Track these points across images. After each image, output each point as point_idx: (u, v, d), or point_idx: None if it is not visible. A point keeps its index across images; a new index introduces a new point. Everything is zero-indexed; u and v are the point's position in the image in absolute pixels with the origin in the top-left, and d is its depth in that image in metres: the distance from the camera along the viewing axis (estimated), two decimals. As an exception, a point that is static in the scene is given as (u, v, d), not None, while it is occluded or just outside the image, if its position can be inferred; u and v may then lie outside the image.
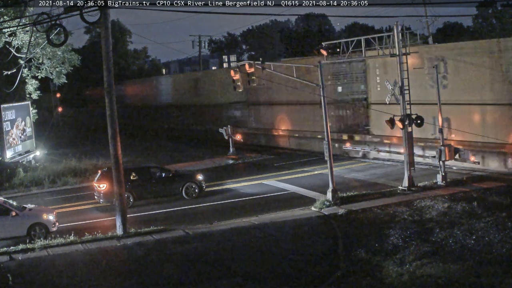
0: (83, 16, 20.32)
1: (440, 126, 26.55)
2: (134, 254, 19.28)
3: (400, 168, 28.60)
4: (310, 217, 22.38)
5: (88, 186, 30.57)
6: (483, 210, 20.97)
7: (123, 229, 21.33)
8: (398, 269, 16.42)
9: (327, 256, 18.17)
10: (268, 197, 26.75)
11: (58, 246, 20.06)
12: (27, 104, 40.37)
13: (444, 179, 25.71)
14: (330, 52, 26.80)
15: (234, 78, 27.26)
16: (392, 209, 22.27)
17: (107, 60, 21.30)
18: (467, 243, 17.96)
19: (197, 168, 35.01)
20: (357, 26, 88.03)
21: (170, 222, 22.97)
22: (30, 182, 33.03)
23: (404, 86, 25.44)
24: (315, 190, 26.75)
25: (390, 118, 25.51)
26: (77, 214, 26.06)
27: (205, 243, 19.77)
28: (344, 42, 27.53)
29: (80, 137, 59.29)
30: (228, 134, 39.10)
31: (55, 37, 27.03)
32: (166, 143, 52.25)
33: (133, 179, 26.81)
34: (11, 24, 32.13)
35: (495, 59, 27.58)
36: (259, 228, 21.12)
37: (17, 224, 21.54)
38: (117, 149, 21.51)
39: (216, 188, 29.54)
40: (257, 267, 17.52)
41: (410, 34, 29.09)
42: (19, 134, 38.39)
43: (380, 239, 18.97)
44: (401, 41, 25.64)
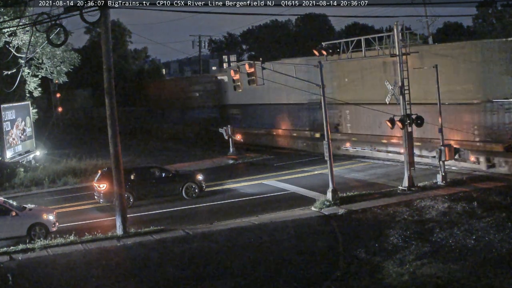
0: (83, 16, 20.31)
1: (440, 125, 26.55)
2: (134, 254, 19.29)
3: (400, 168, 28.60)
4: (310, 217, 22.38)
5: (88, 186, 30.57)
6: (483, 210, 20.97)
7: (123, 229, 21.33)
8: (398, 269, 16.43)
9: (327, 256, 18.17)
10: (268, 197, 26.76)
11: (58, 246, 20.07)
12: (27, 104, 40.35)
13: (444, 179, 25.71)
14: (330, 52, 26.78)
15: (234, 78, 27.26)
16: (392, 209, 22.28)
17: (107, 60, 21.30)
18: (467, 243, 17.97)
19: (197, 168, 35.02)
20: (357, 26, 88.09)
21: (170, 222, 22.97)
22: (30, 182, 33.03)
23: (405, 86, 25.47)
24: (315, 190, 26.75)
25: (390, 118, 25.51)
26: (77, 214, 26.06)
27: (205, 243, 19.77)
28: (344, 42, 27.54)
29: (84, 137, 59.27)
30: (228, 134, 39.10)
31: (55, 37, 27.05)
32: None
33: (133, 179, 26.82)
34: (11, 24, 32.14)
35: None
36: (259, 228, 21.11)
37: (17, 224, 21.54)
38: (117, 149, 21.52)
39: (216, 188, 29.54)
40: (257, 267, 17.52)
41: (410, 34, 29.06)
42: (19, 134, 38.37)
43: (380, 239, 18.98)
44: (401, 41, 25.65)
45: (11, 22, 32.19)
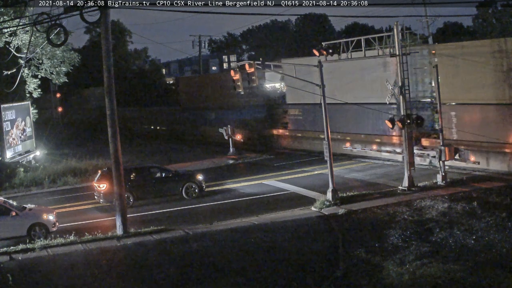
0: (83, 16, 20.32)
1: (440, 125, 26.54)
2: (134, 254, 19.28)
3: (400, 168, 28.60)
4: (310, 217, 22.38)
5: (88, 186, 30.56)
6: (483, 210, 20.97)
7: (123, 229, 21.33)
8: (398, 269, 16.44)
9: (327, 256, 18.18)
10: (268, 197, 26.75)
11: (58, 246, 20.06)
12: (27, 104, 40.33)
13: (444, 179, 25.70)
14: (330, 52, 26.76)
15: (234, 78, 27.24)
16: (392, 209, 22.27)
17: (107, 60, 21.29)
18: (467, 243, 17.98)
19: (197, 168, 35.02)
20: (357, 26, 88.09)
21: (170, 222, 22.97)
22: (30, 182, 33.01)
23: (405, 86, 25.46)
24: (315, 190, 26.75)
25: (390, 118, 25.50)
26: (77, 214, 26.06)
27: (205, 243, 19.76)
28: (344, 42, 27.53)
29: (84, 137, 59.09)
30: (228, 134, 39.08)
31: (55, 37, 27.04)
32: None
33: (133, 179, 26.82)
34: (11, 24, 32.12)
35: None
36: (259, 228, 21.10)
37: (17, 224, 21.53)
38: (117, 149, 21.52)
39: (216, 188, 29.54)
40: (257, 267, 17.52)
41: (410, 34, 29.06)
42: (19, 134, 38.36)
43: (380, 239, 18.98)
44: (401, 41, 25.64)
45: (11, 22, 32.17)
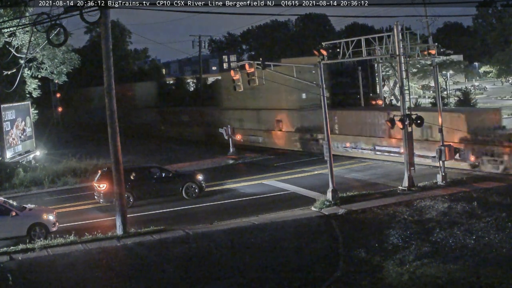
0: (83, 16, 20.33)
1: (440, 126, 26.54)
2: (134, 254, 19.28)
3: (400, 168, 28.58)
4: (310, 217, 22.37)
5: (88, 186, 30.54)
6: (483, 210, 20.96)
7: (123, 229, 21.33)
8: (398, 269, 16.43)
9: (327, 256, 18.17)
10: (268, 197, 26.74)
11: (58, 246, 20.06)
12: (27, 104, 40.34)
13: (444, 179, 25.70)
14: (330, 52, 26.77)
15: (234, 78, 27.24)
16: (392, 209, 22.26)
17: (107, 60, 21.30)
18: (467, 243, 17.98)
19: (197, 168, 35.01)
20: (357, 26, 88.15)
21: (170, 222, 22.96)
22: (30, 182, 32.99)
23: (404, 86, 25.46)
24: (315, 190, 26.74)
25: (390, 118, 25.50)
26: (77, 214, 26.05)
27: (205, 243, 19.76)
28: (344, 42, 27.53)
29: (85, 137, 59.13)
30: (228, 134, 39.07)
31: (55, 37, 27.02)
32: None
33: (133, 179, 26.81)
34: (11, 24, 32.12)
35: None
36: (259, 228, 21.10)
37: (17, 224, 21.52)
38: (117, 149, 21.51)
39: (216, 188, 29.53)
40: (257, 267, 17.52)
41: (410, 34, 29.03)
42: (19, 134, 38.36)
43: (380, 239, 18.98)
44: (401, 41, 25.63)
45: (11, 22, 32.17)
